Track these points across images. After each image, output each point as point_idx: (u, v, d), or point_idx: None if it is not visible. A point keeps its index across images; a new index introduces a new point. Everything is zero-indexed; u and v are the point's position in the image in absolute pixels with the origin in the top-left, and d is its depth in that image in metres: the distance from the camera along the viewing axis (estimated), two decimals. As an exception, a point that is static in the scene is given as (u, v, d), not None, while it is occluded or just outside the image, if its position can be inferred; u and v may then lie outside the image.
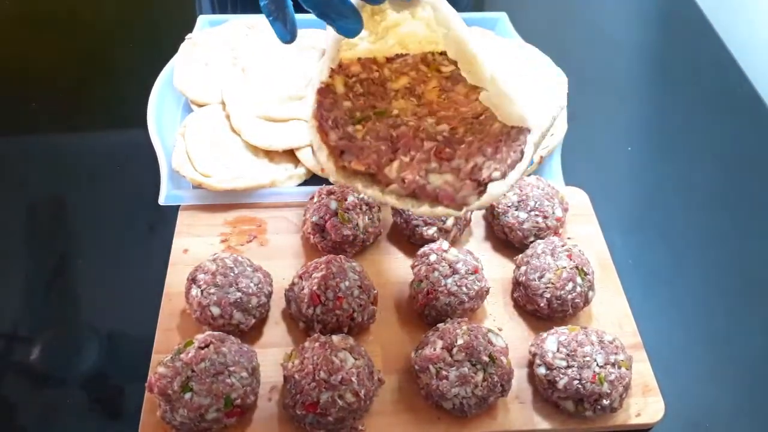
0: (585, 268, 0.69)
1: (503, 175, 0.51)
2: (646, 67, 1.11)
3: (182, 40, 0.97)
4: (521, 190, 0.76)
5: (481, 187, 0.51)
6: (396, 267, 0.76)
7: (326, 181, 0.82)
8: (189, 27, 1.00)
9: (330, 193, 0.75)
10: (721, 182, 0.91)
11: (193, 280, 0.67)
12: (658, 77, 1.08)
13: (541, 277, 0.69)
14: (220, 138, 0.86)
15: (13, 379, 0.68)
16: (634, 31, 1.22)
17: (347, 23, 0.51)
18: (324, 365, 0.59)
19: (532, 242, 0.74)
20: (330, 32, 0.53)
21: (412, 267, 0.71)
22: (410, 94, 0.56)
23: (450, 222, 0.75)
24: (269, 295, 0.69)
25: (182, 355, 0.60)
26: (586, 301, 0.70)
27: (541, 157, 0.85)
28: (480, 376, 0.61)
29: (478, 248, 0.77)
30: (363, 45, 0.55)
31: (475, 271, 0.69)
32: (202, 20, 1.01)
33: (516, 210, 0.75)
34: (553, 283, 0.68)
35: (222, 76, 0.91)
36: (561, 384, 0.62)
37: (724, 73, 1.08)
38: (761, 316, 0.76)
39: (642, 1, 1.29)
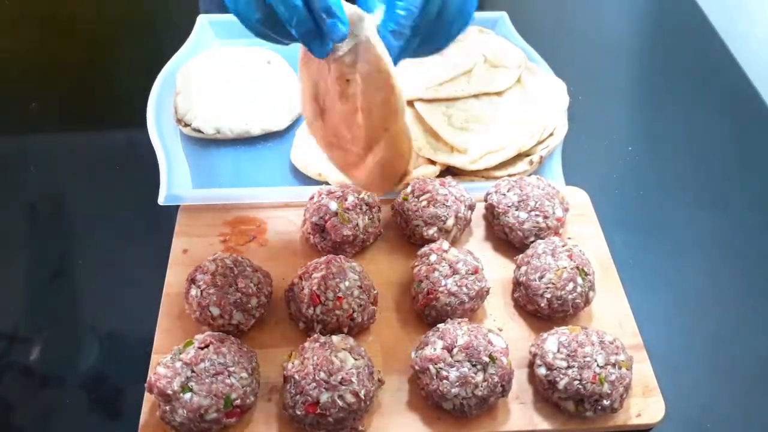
0: (585, 269, 0.69)
1: None
2: (647, 67, 1.11)
3: (182, 39, 0.97)
4: (521, 190, 0.76)
5: None
6: (396, 267, 0.76)
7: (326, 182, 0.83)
8: (189, 27, 1.00)
9: (330, 193, 0.75)
10: (722, 182, 0.91)
11: (192, 280, 0.67)
12: (658, 77, 1.08)
13: (541, 278, 0.69)
14: None
15: (13, 379, 0.68)
16: (635, 31, 1.21)
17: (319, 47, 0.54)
18: (324, 365, 0.59)
19: (532, 242, 0.74)
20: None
21: (412, 267, 0.71)
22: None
23: (450, 222, 0.75)
24: (269, 296, 0.69)
25: (182, 356, 0.60)
26: (587, 302, 0.70)
27: (541, 157, 0.85)
28: (480, 377, 0.61)
29: (478, 248, 0.77)
30: None
31: (476, 271, 0.69)
32: (201, 20, 1.01)
33: (516, 210, 0.75)
34: (553, 284, 0.68)
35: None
36: (561, 384, 0.62)
37: (724, 73, 1.08)
38: (762, 316, 0.76)
39: (642, 1, 1.29)
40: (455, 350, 0.61)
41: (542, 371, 0.63)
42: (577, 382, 0.61)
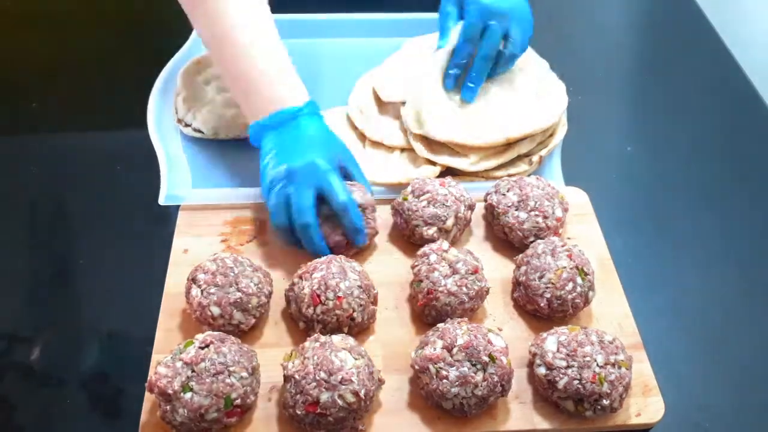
0: (585, 268, 0.69)
1: None
2: (646, 67, 1.11)
3: (183, 39, 0.97)
4: (521, 190, 0.76)
5: None
6: (396, 267, 0.76)
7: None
8: (189, 27, 1.00)
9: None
10: (721, 182, 0.91)
11: (193, 280, 0.67)
12: (657, 77, 1.08)
13: (541, 277, 0.69)
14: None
15: (13, 379, 0.68)
16: (634, 31, 1.22)
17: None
18: (324, 365, 0.59)
19: (532, 242, 0.74)
20: None
21: (412, 267, 0.71)
22: None
23: (450, 222, 0.75)
24: (269, 295, 0.69)
25: (182, 355, 0.60)
26: (586, 301, 0.70)
27: (541, 157, 0.85)
28: (480, 376, 0.61)
29: (478, 248, 0.77)
30: None
31: (475, 271, 0.69)
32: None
33: (516, 210, 0.75)
34: (553, 283, 0.68)
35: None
36: (561, 384, 0.62)
37: (723, 73, 1.08)
38: (761, 316, 0.76)
39: (642, 1, 1.29)
40: (455, 350, 0.61)
41: (542, 371, 0.63)
42: (576, 382, 0.61)
